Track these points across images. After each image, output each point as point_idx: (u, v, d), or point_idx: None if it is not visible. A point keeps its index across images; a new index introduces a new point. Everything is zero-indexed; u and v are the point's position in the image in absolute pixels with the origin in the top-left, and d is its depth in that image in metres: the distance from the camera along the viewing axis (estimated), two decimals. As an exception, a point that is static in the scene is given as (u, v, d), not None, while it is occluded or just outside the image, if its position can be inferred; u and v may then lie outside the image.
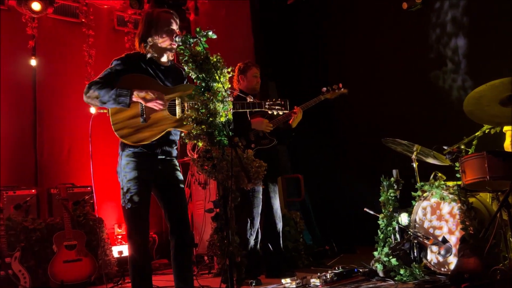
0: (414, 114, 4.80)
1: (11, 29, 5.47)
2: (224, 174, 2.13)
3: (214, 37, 2.30)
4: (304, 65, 6.12)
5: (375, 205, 3.63)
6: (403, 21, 4.97)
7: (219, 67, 2.27)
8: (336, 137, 5.77)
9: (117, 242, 5.53)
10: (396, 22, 5.06)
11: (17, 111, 5.45)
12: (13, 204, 4.62)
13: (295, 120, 3.96)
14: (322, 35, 5.96)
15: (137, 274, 2.55)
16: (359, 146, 5.37)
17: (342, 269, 3.51)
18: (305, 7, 5.91)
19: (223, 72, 2.28)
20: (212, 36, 2.31)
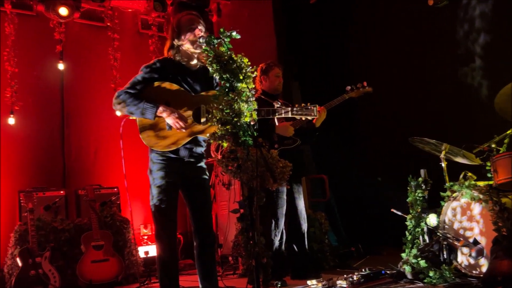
0: (442, 112, 4.69)
1: (40, 34, 5.62)
2: (249, 174, 2.12)
3: (238, 37, 2.30)
4: (328, 64, 6.06)
5: (402, 206, 3.56)
6: (429, 18, 4.86)
7: (243, 67, 2.27)
8: (361, 136, 5.68)
9: (143, 242, 5.60)
10: (422, 19, 4.95)
11: (46, 114, 5.58)
12: (43, 205, 4.74)
13: (319, 120, 3.90)
14: (346, 33, 5.89)
15: (165, 274, 2.59)
16: (385, 145, 5.27)
17: (369, 270, 3.44)
18: (328, 6, 5.86)
19: (247, 72, 2.28)
20: (236, 37, 2.31)
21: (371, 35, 5.59)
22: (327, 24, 6.01)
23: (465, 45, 4.67)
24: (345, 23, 5.87)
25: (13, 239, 4.36)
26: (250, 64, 2.33)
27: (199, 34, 2.63)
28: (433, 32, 4.87)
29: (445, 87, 4.73)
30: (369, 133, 5.56)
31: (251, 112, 2.24)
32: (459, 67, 4.67)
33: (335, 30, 5.97)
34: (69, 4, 5.40)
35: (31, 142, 5.39)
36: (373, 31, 5.54)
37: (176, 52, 2.70)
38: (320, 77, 6.06)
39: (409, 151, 3.99)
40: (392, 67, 5.27)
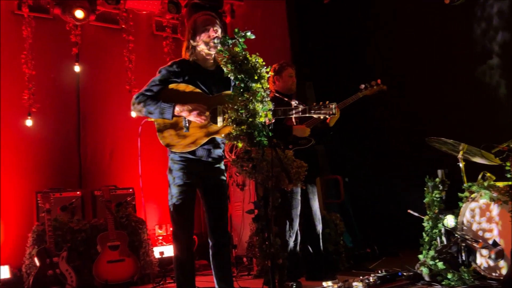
0: (460, 112, 4.62)
1: (56, 37, 5.69)
2: (264, 174, 2.11)
3: (252, 37, 2.30)
4: (342, 64, 6.02)
5: (419, 207, 3.51)
6: (446, 16, 4.80)
7: (258, 67, 2.26)
8: (376, 136, 5.63)
9: (158, 243, 5.63)
10: (437, 17, 4.89)
11: (63, 116, 5.66)
12: (60, 205, 4.79)
13: (333, 119, 3.85)
14: (360, 32, 5.85)
15: (181, 274, 2.61)
16: (401, 145, 5.22)
17: (385, 272, 3.41)
18: (342, 5, 5.82)
19: (261, 72, 2.27)
20: (250, 37, 2.30)
21: (386, 34, 5.55)
22: (341, 23, 5.98)
23: (483, 43, 4.60)
24: (360, 22, 5.83)
25: (31, 239, 4.42)
26: (264, 64, 2.32)
27: (213, 35, 2.63)
28: (450, 31, 4.81)
29: (462, 86, 4.67)
30: (385, 133, 5.51)
31: (266, 112, 2.23)
32: (477, 65, 4.59)
33: (349, 29, 5.93)
34: (85, 7, 5.46)
35: (48, 144, 5.47)
36: (388, 30, 5.50)
37: (192, 53, 2.71)
38: (334, 76, 6.02)
39: (425, 151, 3.94)
40: (407, 66, 5.22)
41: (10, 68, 5.31)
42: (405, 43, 5.27)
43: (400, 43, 5.32)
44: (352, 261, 4.67)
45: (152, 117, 2.62)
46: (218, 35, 2.63)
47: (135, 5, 6.07)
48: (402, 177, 5.10)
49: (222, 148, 2.78)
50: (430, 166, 3.54)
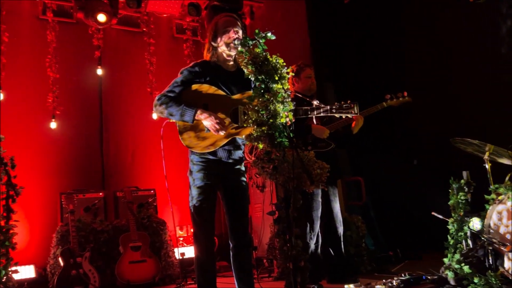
0: (485, 111, 4.51)
1: (79, 41, 5.79)
2: (285, 176, 2.10)
3: (273, 38, 2.29)
4: (363, 65, 5.95)
5: (443, 209, 3.43)
6: (470, 15, 4.69)
7: (278, 68, 2.25)
8: (399, 137, 5.53)
9: (179, 244, 5.66)
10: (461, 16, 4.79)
11: (85, 118, 5.75)
12: (83, 206, 4.87)
13: (356, 127, 3.84)
14: (381, 32, 5.77)
15: (202, 275, 2.61)
16: (425, 146, 5.12)
17: (408, 276, 3.34)
18: (363, 5, 5.75)
19: (282, 72, 2.26)
20: (271, 37, 2.30)
21: (408, 33, 5.45)
22: (362, 24, 5.91)
23: (509, 42, 4.48)
24: (381, 23, 5.75)
25: (55, 239, 4.50)
26: (285, 65, 2.31)
27: (233, 36, 2.64)
28: (475, 29, 4.70)
29: (488, 86, 4.55)
30: (408, 133, 5.41)
31: (287, 112, 2.21)
32: (503, 65, 4.48)
33: (370, 29, 5.86)
34: (107, 11, 5.54)
35: (71, 146, 5.56)
36: (411, 29, 5.40)
37: (213, 55, 2.72)
38: (355, 77, 5.95)
39: (450, 152, 3.85)
40: (431, 66, 5.13)
41: (35, 71, 5.43)
42: (428, 42, 5.17)
43: (423, 42, 5.22)
44: (374, 264, 4.60)
45: (173, 119, 2.64)
46: (239, 36, 2.63)
47: (155, 8, 6.13)
48: (426, 178, 5.00)
49: (242, 149, 2.77)
50: (454, 167, 3.45)
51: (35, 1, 5.57)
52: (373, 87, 3.97)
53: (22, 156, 3.67)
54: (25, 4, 5.55)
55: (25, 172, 3.49)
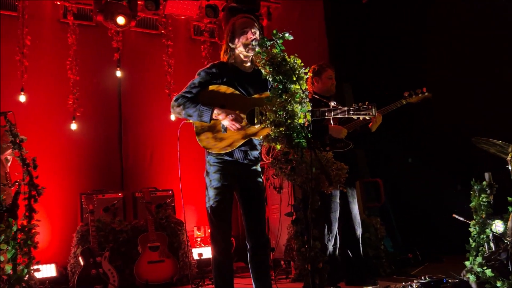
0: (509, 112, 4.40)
1: (99, 43, 5.89)
2: (303, 177, 2.08)
3: (290, 38, 2.29)
4: (381, 65, 5.89)
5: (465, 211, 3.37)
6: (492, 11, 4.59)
7: (296, 68, 2.24)
8: (419, 137, 5.44)
9: (197, 244, 5.69)
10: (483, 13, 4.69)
11: (105, 120, 5.84)
12: (103, 206, 4.94)
13: (375, 125, 3.78)
14: (401, 32, 5.69)
15: (219, 275, 2.62)
16: (445, 147, 5.02)
17: (429, 278, 3.28)
18: (381, 5, 5.69)
19: (300, 73, 2.25)
20: (288, 38, 2.29)
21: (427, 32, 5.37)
22: (380, 23, 5.84)
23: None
24: (400, 22, 5.68)
25: (75, 239, 4.58)
26: (303, 65, 2.30)
27: (251, 37, 2.64)
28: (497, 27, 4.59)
29: (511, 84, 4.45)
30: (428, 133, 5.31)
31: (305, 113, 2.20)
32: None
33: (388, 29, 5.79)
34: (126, 13, 5.61)
35: (91, 147, 5.65)
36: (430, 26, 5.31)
37: (230, 56, 2.73)
38: (373, 78, 5.89)
39: (472, 153, 3.78)
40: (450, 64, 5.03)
41: (56, 74, 5.54)
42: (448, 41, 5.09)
43: (443, 42, 5.14)
44: (393, 267, 4.53)
45: (191, 120, 2.65)
46: (256, 37, 2.63)
47: (173, 10, 6.18)
48: (447, 179, 4.91)
49: (259, 150, 2.77)
50: (477, 169, 3.38)
51: (56, 5, 5.69)
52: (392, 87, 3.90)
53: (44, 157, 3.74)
54: (47, 8, 5.66)
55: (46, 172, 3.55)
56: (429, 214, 5.11)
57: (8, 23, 5.34)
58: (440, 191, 4.95)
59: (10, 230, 2.76)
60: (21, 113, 3.98)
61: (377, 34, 5.88)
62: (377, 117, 3.74)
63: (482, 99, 4.71)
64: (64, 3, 5.68)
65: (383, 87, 5.56)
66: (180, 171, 3.01)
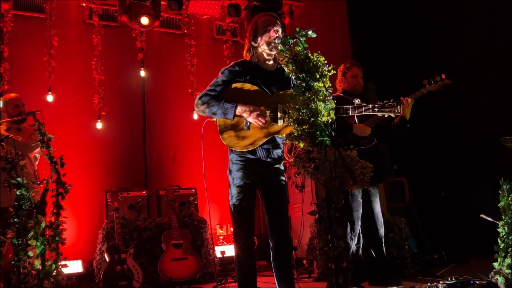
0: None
1: (123, 43, 5.98)
2: (327, 175, 2.07)
3: (313, 36, 2.27)
4: (406, 62, 5.79)
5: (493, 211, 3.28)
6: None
7: (319, 66, 2.23)
8: (445, 136, 5.32)
9: (219, 242, 5.72)
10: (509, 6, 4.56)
11: (129, 119, 5.93)
12: (127, 204, 5.01)
13: (407, 111, 3.64)
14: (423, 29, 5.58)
15: (242, 273, 2.62)
16: (473, 146, 4.90)
17: (455, 280, 3.22)
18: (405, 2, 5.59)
19: (323, 70, 2.23)
20: (311, 35, 2.28)
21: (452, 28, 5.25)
22: (404, 20, 5.75)
23: None
24: (424, 18, 5.57)
25: (101, 235, 4.66)
26: (326, 63, 2.28)
27: (274, 35, 2.63)
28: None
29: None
30: (455, 132, 5.19)
31: (329, 111, 2.18)
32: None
33: (412, 25, 5.68)
34: (150, 14, 5.68)
35: (116, 145, 5.75)
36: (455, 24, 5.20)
37: (253, 54, 2.73)
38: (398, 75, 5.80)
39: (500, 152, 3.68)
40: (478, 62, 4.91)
41: (82, 74, 5.65)
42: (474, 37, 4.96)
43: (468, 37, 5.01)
44: (417, 267, 4.45)
45: (215, 117, 2.66)
46: (279, 35, 2.62)
47: (196, 10, 6.23)
48: (474, 179, 4.79)
49: (282, 148, 2.76)
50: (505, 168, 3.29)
51: (82, 6, 5.80)
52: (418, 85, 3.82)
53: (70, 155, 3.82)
54: (73, 9, 5.79)
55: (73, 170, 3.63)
56: (455, 214, 5.00)
57: (36, 25, 5.48)
58: (467, 190, 4.84)
59: (39, 227, 2.83)
60: (48, 112, 4.07)
61: (401, 30, 5.79)
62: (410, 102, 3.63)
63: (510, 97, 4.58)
64: (90, 5, 5.79)
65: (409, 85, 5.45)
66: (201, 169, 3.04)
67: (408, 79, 5.54)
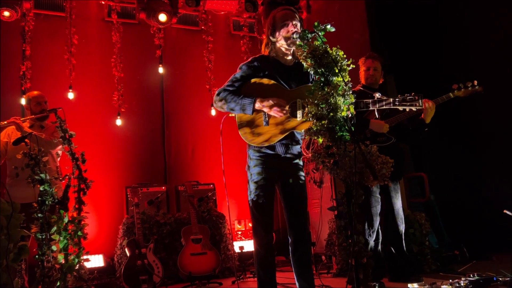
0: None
1: (142, 40, 6.03)
2: (347, 170, 2.05)
3: (332, 30, 2.24)
4: (426, 56, 5.69)
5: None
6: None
7: (338, 60, 2.20)
8: (466, 130, 5.22)
9: (238, 237, 5.75)
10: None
11: (149, 116, 5.98)
12: (147, 199, 5.08)
13: (428, 115, 3.57)
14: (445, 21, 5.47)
15: (262, 269, 2.62)
16: (495, 140, 4.79)
17: (477, 276, 3.16)
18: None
19: (343, 65, 2.21)
20: (330, 30, 2.25)
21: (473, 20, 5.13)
22: (424, 12, 5.64)
23: None
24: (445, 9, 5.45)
25: (121, 230, 4.74)
26: (345, 57, 2.26)
27: (292, 30, 2.61)
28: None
29: None
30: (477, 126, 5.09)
31: (348, 106, 2.16)
32: None
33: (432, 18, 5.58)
34: (167, 11, 5.71)
35: (135, 142, 5.81)
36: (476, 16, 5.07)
37: (271, 49, 2.71)
38: (418, 69, 5.70)
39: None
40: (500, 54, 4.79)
41: (101, 71, 5.73)
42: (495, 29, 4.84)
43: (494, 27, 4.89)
44: (438, 264, 4.40)
45: (234, 113, 2.66)
46: (298, 29, 2.59)
47: (213, 6, 6.24)
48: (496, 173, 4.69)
49: (301, 144, 2.74)
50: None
51: (101, 4, 5.87)
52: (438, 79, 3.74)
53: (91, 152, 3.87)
54: (92, 8, 5.86)
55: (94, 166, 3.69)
56: (477, 210, 4.90)
57: (57, 23, 5.57)
58: (490, 186, 4.74)
59: (61, 222, 2.88)
60: (69, 109, 4.14)
61: (421, 23, 5.69)
62: (431, 106, 3.57)
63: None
64: (109, 2, 5.85)
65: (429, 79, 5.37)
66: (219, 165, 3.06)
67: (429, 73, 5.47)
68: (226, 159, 5.27)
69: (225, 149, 5.04)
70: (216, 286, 4.37)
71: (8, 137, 4.10)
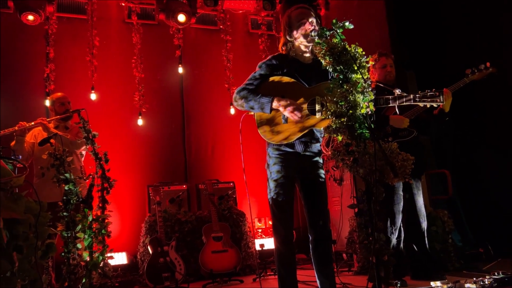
0: None
1: (161, 41, 6.11)
2: (367, 168, 2.04)
3: (351, 27, 2.24)
4: (447, 51, 5.59)
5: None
6: None
7: (357, 57, 2.19)
8: (491, 126, 5.11)
9: (258, 235, 5.77)
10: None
11: (169, 115, 6.06)
12: (168, 198, 5.15)
13: (447, 104, 3.54)
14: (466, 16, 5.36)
15: (282, 266, 2.63)
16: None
17: (503, 274, 3.10)
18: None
19: (361, 62, 2.20)
20: (349, 27, 2.24)
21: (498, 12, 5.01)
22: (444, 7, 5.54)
23: None
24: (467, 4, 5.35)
25: (144, 228, 4.81)
26: (364, 54, 2.24)
27: (309, 28, 2.60)
28: None
29: None
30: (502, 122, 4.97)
31: (368, 103, 2.14)
32: None
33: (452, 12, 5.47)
34: (186, 11, 5.77)
35: (157, 141, 5.90)
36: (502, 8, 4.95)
37: (289, 48, 2.71)
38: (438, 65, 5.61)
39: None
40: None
41: (123, 72, 5.82)
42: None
43: None
44: (462, 261, 4.32)
45: (253, 112, 2.67)
46: (315, 27, 2.59)
47: (231, 5, 6.27)
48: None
49: (321, 142, 2.74)
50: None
51: (121, 6, 5.96)
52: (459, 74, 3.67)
53: (113, 151, 3.95)
54: (113, 9, 5.96)
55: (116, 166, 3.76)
56: (502, 207, 4.80)
57: (79, 26, 5.69)
58: None
59: (86, 220, 2.95)
60: (92, 110, 4.22)
61: (441, 18, 5.59)
62: (447, 94, 3.53)
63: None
64: (129, 4, 5.94)
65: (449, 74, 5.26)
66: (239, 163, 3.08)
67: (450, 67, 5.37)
68: (245, 157, 5.29)
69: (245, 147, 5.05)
70: (237, 283, 4.40)
71: (34, 138, 4.22)
